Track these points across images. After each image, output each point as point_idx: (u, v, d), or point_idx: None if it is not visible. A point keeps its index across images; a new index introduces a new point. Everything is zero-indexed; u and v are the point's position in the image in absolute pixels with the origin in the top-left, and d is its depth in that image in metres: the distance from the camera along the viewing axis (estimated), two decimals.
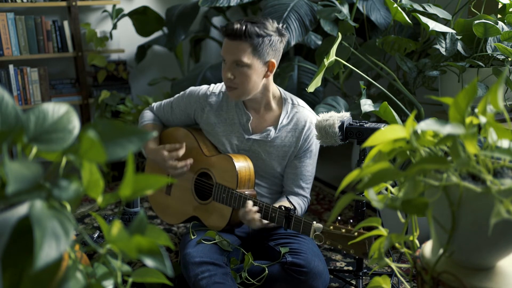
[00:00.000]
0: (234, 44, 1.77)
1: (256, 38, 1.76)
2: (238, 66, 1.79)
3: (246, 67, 1.78)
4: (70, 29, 3.35)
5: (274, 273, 1.75)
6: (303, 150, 1.92)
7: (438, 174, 0.85)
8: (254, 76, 1.81)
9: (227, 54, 1.80)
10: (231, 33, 1.76)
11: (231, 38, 1.77)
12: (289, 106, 1.94)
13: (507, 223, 0.80)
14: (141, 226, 0.77)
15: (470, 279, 0.88)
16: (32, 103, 3.31)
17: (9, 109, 0.75)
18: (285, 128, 1.92)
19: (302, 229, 1.64)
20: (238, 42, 1.76)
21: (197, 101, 1.98)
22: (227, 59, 1.80)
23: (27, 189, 0.67)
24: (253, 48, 1.77)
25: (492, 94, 0.81)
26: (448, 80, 2.24)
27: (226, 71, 1.81)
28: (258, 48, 1.77)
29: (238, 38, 1.76)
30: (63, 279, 0.70)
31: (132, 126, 0.75)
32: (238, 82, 1.81)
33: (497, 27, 1.99)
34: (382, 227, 0.98)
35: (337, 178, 3.24)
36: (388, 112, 1.83)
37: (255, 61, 1.79)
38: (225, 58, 1.81)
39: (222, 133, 1.95)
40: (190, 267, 1.70)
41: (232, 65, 1.80)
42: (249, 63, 1.78)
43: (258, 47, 1.77)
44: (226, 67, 1.82)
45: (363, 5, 2.77)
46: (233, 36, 1.76)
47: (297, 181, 1.93)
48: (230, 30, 1.76)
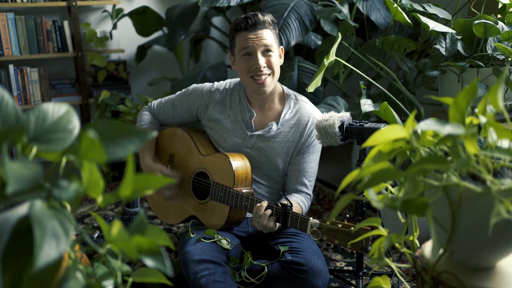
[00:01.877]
0: (259, 33, 1.82)
1: (274, 24, 1.86)
2: (267, 53, 1.84)
3: (274, 52, 1.86)
4: (70, 29, 3.36)
5: (273, 271, 1.75)
6: (306, 145, 1.93)
7: (438, 174, 0.85)
8: (279, 61, 1.90)
9: (255, 44, 1.82)
10: (254, 24, 1.81)
11: (254, 29, 1.81)
12: (292, 102, 1.95)
13: (507, 223, 0.80)
14: (141, 226, 0.77)
15: (470, 279, 0.88)
16: (32, 103, 3.31)
17: (9, 109, 0.75)
18: (288, 123, 1.93)
19: (299, 225, 1.65)
20: (263, 30, 1.83)
21: (201, 97, 1.99)
22: (255, 49, 1.82)
23: (27, 189, 0.67)
24: (275, 34, 1.87)
25: (492, 94, 0.81)
26: (448, 80, 2.24)
27: (258, 61, 1.82)
28: (277, 34, 1.88)
29: (262, 27, 1.82)
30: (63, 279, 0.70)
31: (132, 126, 0.76)
32: (270, 68, 1.85)
33: (497, 27, 1.99)
34: (382, 227, 0.98)
35: (337, 178, 3.24)
36: (388, 112, 1.84)
37: (277, 47, 1.88)
38: (252, 50, 1.83)
39: (225, 129, 1.96)
40: (190, 265, 1.70)
41: (262, 54, 1.83)
42: (275, 48, 1.86)
43: (277, 33, 1.89)
44: (255, 58, 1.83)
45: (363, 5, 2.77)
46: (255, 26, 1.81)
47: (299, 177, 1.93)
48: (252, 21, 1.81)
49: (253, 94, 1.91)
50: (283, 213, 1.68)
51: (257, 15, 1.82)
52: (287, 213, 1.68)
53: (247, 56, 1.84)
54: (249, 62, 1.84)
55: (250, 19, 1.81)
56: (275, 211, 1.70)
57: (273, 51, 1.84)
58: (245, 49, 1.83)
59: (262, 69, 1.83)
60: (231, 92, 1.97)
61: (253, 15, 1.82)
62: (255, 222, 1.74)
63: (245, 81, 1.89)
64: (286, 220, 1.68)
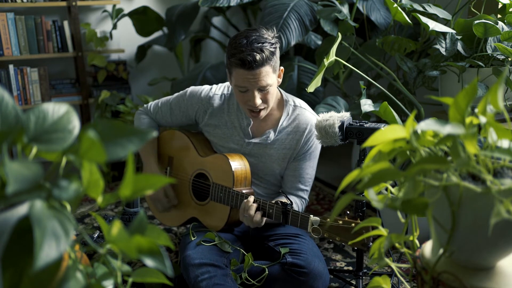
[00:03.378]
0: (256, 73, 1.72)
1: (272, 57, 1.75)
2: (265, 89, 1.77)
3: (270, 87, 1.78)
4: (70, 29, 3.35)
5: (274, 273, 1.75)
6: (302, 152, 1.92)
7: (438, 174, 0.85)
8: (275, 90, 1.83)
9: (250, 84, 1.74)
10: (252, 65, 1.71)
11: (252, 69, 1.72)
12: (290, 108, 1.92)
13: (507, 223, 0.80)
14: (141, 226, 0.77)
15: (470, 279, 0.88)
16: (32, 103, 3.31)
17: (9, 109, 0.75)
18: (286, 130, 1.91)
19: (299, 223, 1.64)
20: (260, 69, 1.73)
21: (199, 102, 1.96)
22: (251, 88, 1.75)
23: (27, 189, 0.67)
24: (272, 68, 1.77)
25: (492, 94, 0.81)
26: (448, 80, 2.24)
27: (255, 100, 1.76)
28: (274, 65, 1.78)
29: (261, 66, 1.72)
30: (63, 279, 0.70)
31: (132, 126, 0.76)
32: (266, 103, 1.81)
33: (497, 27, 1.99)
34: (382, 227, 0.98)
35: (337, 178, 3.24)
36: (388, 112, 1.84)
37: (274, 77, 1.79)
38: (247, 88, 1.76)
39: (222, 135, 1.95)
40: (190, 269, 1.70)
41: (257, 92, 1.77)
42: (272, 82, 1.78)
43: (274, 64, 1.78)
44: (251, 95, 1.76)
45: (363, 5, 2.77)
46: (253, 68, 1.71)
47: (295, 183, 1.93)
48: (250, 62, 1.70)
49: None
50: (283, 211, 1.68)
51: (255, 55, 1.70)
52: (287, 211, 1.67)
53: (243, 92, 1.78)
54: (244, 97, 1.79)
55: (249, 58, 1.70)
56: (275, 210, 1.70)
57: (271, 86, 1.78)
58: (241, 87, 1.77)
59: (255, 108, 1.80)
60: (229, 98, 1.94)
61: (250, 56, 1.70)
62: (243, 217, 1.74)
63: (240, 105, 1.86)
64: (286, 218, 1.68)
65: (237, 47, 1.73)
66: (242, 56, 1.70)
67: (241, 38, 1.74)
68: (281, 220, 1.69)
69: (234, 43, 1.75)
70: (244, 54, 1.70)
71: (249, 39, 1.73)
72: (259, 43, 1.72)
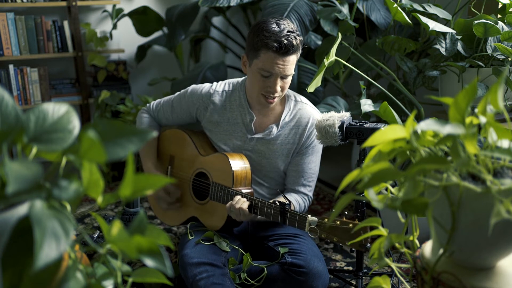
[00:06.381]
0: (286, 59, 1.73)
1: (301, 46, 1.78)
2: (286, 77, 1.78)
3: (290, 77, 1.80)
4: (70, 29, 3.36)
5: (273, 273, 1.75)
6: (305, 146, 1.92)
7: (438, 174, 0.85)
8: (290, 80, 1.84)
9: (278, 70, 1.74)
10: (288, 49, 1.71)
11: (285, 54, 1.72)
12: (292, 103, 1.94)
13: (507, 223, 0.80)
14: (141, 226, 0.77)
15: (470, 279, 0.88)
16: (32, 103, 3.31)
17: (9, 109, 0.75)
18: (288, 125, 1.92)
19: (297, 223, 1.64)
20: (289, 56, 1.74)
21: (200, 99, 1.96)
22: (275, 74, 1.75)
23: (27, 189, 0.67)
24: (297, 58, 1.79)
25: (492, 94, 0.81)
26: (448, 80, 2.24)
27: (276, 86, 1.76)
28: (298, 57, 1.80)
29: (292, 53, 1.74)
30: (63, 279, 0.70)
31: (132, 126, 0.76)
32: (282, 92, 1.82)
33: (497, 27, 1.99)
34: (382, 227, 0.98)
35: (337, 178, 3.24)
36: (388, 112, 1.84)
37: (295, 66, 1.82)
38: (271, 73, 1.75)
39: (225, 132, 1.95)
40: (188, 268, 1.70)
41: (279, 79, 1.77)
42: (292, 73, 1.80)
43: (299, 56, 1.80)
44: (273, 81, 1.76)
45: (363, 5, 2.77)
46: (287, 53, 1.72)
47: (298, 178, 1.92)
48: (286, 46, 1.70)
49: (257, 104, 1.88)
50: (281, 211, 1.68)
51: (291, 40, 1.70)
52: (285, 211, 1.67)
53: (265, 77, 1.77)
54: (265, 82, 1.78)
55: (286, 44, 1.69)
56: (273, 210, 1.70)
57: (290, 76, 1.80)
58: (266, 71, 1.76)
59: (273, 94, 1.80)
60: (231, 94, 1.94)
61: (287, 40, 1.70)
62: (230, 211, 1.75)
63: (254, 93, 1.84)
64: (284, 218, 1.68)
65: (272, 31, 1.72)
66: (280, 39, 1.70)
67: (271, 24, 1.75)
68: (279, 220, 1.69)
69: (265, 27, 1.74)
70: (282, 38, 1.71)
71: (280, 26, 1.74)
72: (292, 32, 1.74)
